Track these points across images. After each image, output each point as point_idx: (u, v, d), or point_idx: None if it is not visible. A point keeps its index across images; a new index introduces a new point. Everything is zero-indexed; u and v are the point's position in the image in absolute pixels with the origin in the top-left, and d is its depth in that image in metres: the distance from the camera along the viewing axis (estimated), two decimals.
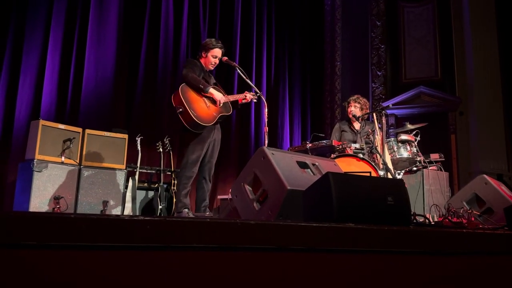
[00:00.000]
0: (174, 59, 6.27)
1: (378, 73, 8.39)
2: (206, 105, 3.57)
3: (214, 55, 3.73)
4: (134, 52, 5.96)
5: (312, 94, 8.57)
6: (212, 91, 3.57)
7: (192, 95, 3.53)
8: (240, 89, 6.72)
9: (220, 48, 3.77)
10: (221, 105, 3.63)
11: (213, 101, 3.61)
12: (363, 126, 4.55)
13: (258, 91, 3.78)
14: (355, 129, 4.55)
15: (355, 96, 4.63)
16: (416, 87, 8.03)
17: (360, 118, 4.41)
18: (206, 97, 3.58)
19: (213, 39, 3.79)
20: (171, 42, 6.22)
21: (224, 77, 6.86)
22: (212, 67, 3.79)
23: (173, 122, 5.53)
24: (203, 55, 3.75)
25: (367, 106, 4.61)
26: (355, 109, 4.53)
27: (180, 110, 3.44)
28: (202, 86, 3.52)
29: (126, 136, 4.66)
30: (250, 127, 7.23)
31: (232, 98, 3.80)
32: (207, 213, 3.71)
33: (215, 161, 3.82)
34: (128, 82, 5.88)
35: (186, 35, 6.43)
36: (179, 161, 5.34)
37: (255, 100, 4.00)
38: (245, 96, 3.86)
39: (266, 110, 3.71)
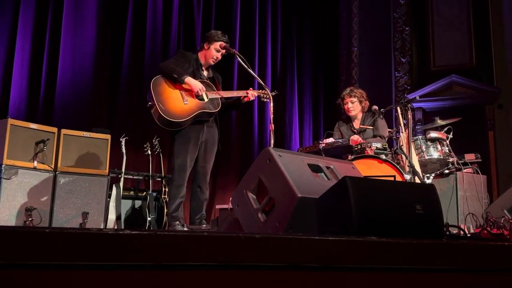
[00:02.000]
0: (163, 46, 6.30)
1: (402, 60, 8.36)
2: (183, 98, 3.61)
3: (218, 49, 3.83)
4: (118, 38, 5.98)
5: (326, 86, 8.57)
6: (190, 80, 3.59)
7: (165, 87, 3.60)
8: (241, 81, 6.82)
9: (226, 42, 3.87)
10: (206, 99, 3.66)
11: (197, 95, 3.66)
12: (361, 122, 4.55)
13: (262, 82, 3.81)
14: (354, 128, 4.56)
15: (348, 90, 4.63)
16: (447, 76, 8.02)
17: (380, 113, 4.39)
18: (186, 90, 3.63)
19: (219, 32, 3.92)
20: (159, 26, 6.24)
21: (221, 68, 6.85)
22: (213, 61, 3.88)
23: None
24: (205, 46, 3.85)
25: (366, 97, 4.59)
26: (352, 105, 4.52)
27: (149, 103, 3.51)
28: (176, 75, 3.58)
29: (108, 136, 4.69)
30: (253, 125, 7.24)
31: (227, 94, 3.84)
32: (204, 226, 3.75)
33: (211, 167, 3.87)
34: (111, 74, 5.90)
35: (177, 17, 6.45)
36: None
37: (266, 100, 3.95)
38: (247, 94, 3.88)
39: (272, 105, 3.73)
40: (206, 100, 3.67)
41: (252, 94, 3.90)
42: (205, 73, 3.90)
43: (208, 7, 6.94)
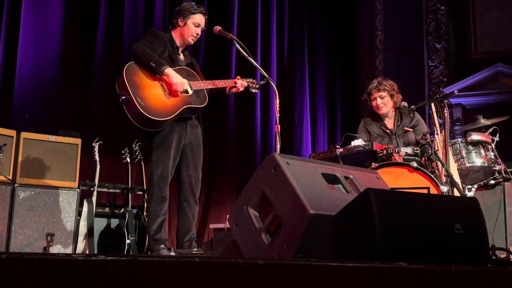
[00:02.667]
0: (145, 29, 6.26)
1: (437, 46, 8.32)
2: (165, 92, 3.59)
3: (196, 23, 3.82)
4: (89, 23, 5.99)
5: (343, 78, 8.54)
6: (169, 72, 3.57)
7: (142, 77, 3.57)
8: (240, 73, 6.68)
9: (204, 14, 3.87)
10: (191, 91, 3.65)
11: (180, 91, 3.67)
12: (397, 121, 4.55)
13: (265, 74, 3.79)
14: (387, 128, 4.55)
15: (375, 82, 4.62)
16: (491, 65, 8.00)
17: (411, 110, 4.39)
18: (167, 81, 3.63)
19: (193, 3, 3.90)
20: (140, 7, 6.25)
21: (216, 57, 6.86)
22: (193, 40, 3.87)
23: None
24: (180, 22, 3.84)
25: (397, 89, 4.59)
26: (382, 100, 4.52)
27: (123, 98, 3.45)
28: (154, 64, 3.55)
29: (79, 141, 4.66)
30: (255, 125, 7.22)
31: (212, 84, 3.82)
32: (195, 250, 3.72)
33: (200, 175, 3.85)
34: (82, 65, 5.90)
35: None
36: None
37: (254, 90, 3.98)
38: (235, 83, 3.89)
39: (278, 101, 3.71)
40: (190, 92, 3.66)
41: (241, 83, 3.90)
42: (181, 57, 3.89)
43: None
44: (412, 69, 8.18)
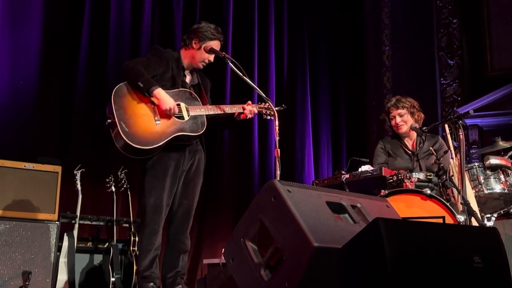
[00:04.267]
0: (132, 44, 6.30)
1: (450, 62, 8.36)
2: (155, 117, 3.59)
3: (211, 49, 3.82)
4: (71, 34, 5.98)
5: (348, 97, 8.53)
6: (159, 93, 3.55)
7: (130, 99, 3.58)
8: (235, 94, 6.78)
9: (221, 41, 3.91)
10: (187, 116, 3.65)
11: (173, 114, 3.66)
12: (419, 142, 4.57)
13: (263, 94, 3.79)
14: (409, 149, 4.57)
15: (394, 99, 4.66)
16: (510, 82, 8.00)
17: (423, 132, 4.40)
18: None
19: (213, 26, 3.91)
20: (127, 18, 6.27)
21: (208, 78, 6.83)
22: (203, 66, 3.89)
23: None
24: (194, 44, 3.84)
25: (418, 107, 4.62)
26: (401, 118, 4.55)
27: (108, 121, 3.49)
28: (142, 84, 3.54)
29: (59, 168, 4.65)
30: (252, 149, 7.21)
31: (216, 109, 3.82)
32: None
33: (195, 206, 3.84)
34: (63, 83, 5.88)
35: (150, 8, 6.49)
36: None
37: (269, 117, 3.96)
38: (243, 109, 3.88)
39: (277, 123, 3.72)
40: (186, 118, 3.66)
41: (250, 110, 3.88)
42: (187, 78, 3.91)
43: None
44: (423, 87, 8.19)
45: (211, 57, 3.85)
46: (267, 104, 3.92)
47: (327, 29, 8.59)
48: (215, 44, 3.84)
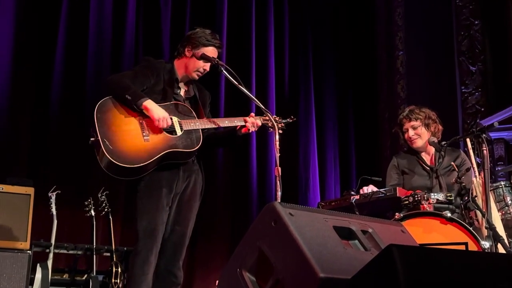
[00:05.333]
0: (114, 53, 6.38)
1: (472, 68, 8.43)
2: (143, 132, 3.59)
3: (203, 55, 3.82)
4: (46, 41, 6.05)
5: (357, 108, 8.64)
6: (148, 105, 3.58)
7: (117, 115, 3.60)
8: (231, 106, 6.90)
9: (218, 47, 3.91)
10: (180, 131, 3.65)
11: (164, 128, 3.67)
12: (438, 157, 4.55)
13: (261, 105, 3.77)
14: (427, 165, 4.56)
15: (406, 110, 4.68)
16: None
17: (441, 147, 4.38)
18: (148, 119, 3.64)
19: (208, 31, 3.93)
20: (108, 26, 6.34)
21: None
22: (198, 76, 3.89)
23: None
24: (187, 52, 3.85)
25: (436, 118, 4.64)
26: (415, 131, 4.55)
27: (92, 139, 3.52)
28: (130, 97, 3.57)
29: (31, 190, 4.73)
30: (250, 167, 7.27)
31: (214, 123, 3.84)
32: None
33: (190, 233, 3.82)
34: (36, 94, 5.95)
35: (135, 13, 6.57)
36: (124, 232, 5.43)
37: (273, 129, 3.94)
38: (245, 122, 3.85)
39: (277, 137, 3.71)
40: (179, 133, 3.65)
41: (253, 122, 3.84)
42: (182, 91, 3.93)
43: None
44: (442, 96, 8.26)
45: (207, 66, 3.85)
46: (272, 116, 3.90)
47: (333, 32, 8.72)
48: (210, 51, 3.84)
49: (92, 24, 6.24)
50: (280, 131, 3.91)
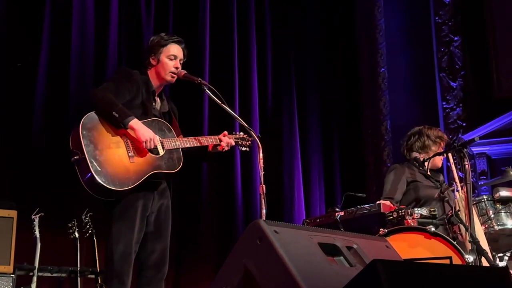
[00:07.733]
0: (97, 66, 6.32)
1: (452, 84, 8.44)
2: (128, 152, 3.55)
3: (172, 55, 3.83)
4: (28, 54, 5.97)
5: (342, 125, 8.59)
6: (135, 125, 3.53)
7: (103, 133, 3.54)
8: (214, 124, 6.75)
9: (178, 43, 3.89)
10: (162, 151, 3.63)
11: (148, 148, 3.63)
12: (433, 174, 4.66)
13: (244, 124, 3.81)
14: (436, 179, 4.56)
15: (439, 131, 4.82)
16: None
17: (422, 163, 4.44)
18: (132, 137, 3.60)
19: (163, 34, 3.93)
20: (91, 38, 6.31)
21: (184, 106, 6.78)
22: (173, 77, 3.87)
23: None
24: (152, 61, 3.85)
25: (446, 139, 4.79)
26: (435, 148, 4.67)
27: (76, 158, 3.44)
28: (117, 114, 3.51)
29: (14, 213, 4.64)
30: (234, 185, 7.22)
31: (187, 142, 3.82)
32: None
33: (168, 251, 3.80)
34: (18, 110, 5.86)
35: (117, 28, 6.55)
36: None
37: (245, 149, 4.04)
38: (219, 141, 3.91)
39: (261, 155, 3.70)
40: (161, 153, 3.64)
41: (227, 141, 3.91)
42: (158, 104, 3.90)
43: (163, 14, 7.03)
44: (423, 112, 8.28)
45: (177, 63, 3.83)
46: (242, 134, 3.97)
47: (316, 51, 8.69)
48: (172, 48, 3.84)
49: (75, 23, 6.15)
50: (248, 149, 4.01)
